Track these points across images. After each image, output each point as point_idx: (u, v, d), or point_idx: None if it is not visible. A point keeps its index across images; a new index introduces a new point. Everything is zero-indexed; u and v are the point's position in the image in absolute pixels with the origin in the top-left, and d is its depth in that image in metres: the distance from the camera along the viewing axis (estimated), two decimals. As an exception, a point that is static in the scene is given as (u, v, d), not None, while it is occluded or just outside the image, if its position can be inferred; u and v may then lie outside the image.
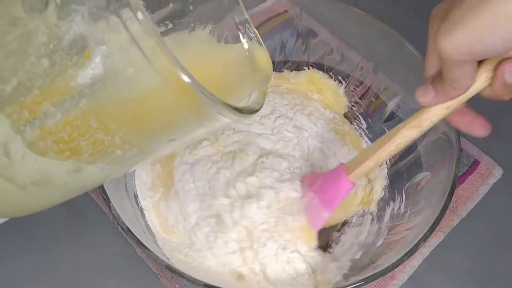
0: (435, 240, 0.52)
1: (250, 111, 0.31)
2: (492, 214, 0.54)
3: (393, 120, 0.54)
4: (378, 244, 0.47)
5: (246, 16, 0.36)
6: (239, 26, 0.36)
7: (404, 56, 0.50)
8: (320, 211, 0.46)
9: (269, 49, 0.58)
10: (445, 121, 0.38)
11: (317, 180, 0.47)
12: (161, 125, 0.29)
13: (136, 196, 0.50)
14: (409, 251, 0.40)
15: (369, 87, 0.56)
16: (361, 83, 0.56)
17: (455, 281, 0.51)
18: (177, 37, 0.37)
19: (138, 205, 0.49)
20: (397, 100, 0.53)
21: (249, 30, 0.37)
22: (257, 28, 0.35)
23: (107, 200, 0.41)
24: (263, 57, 0.37)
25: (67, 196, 0.35)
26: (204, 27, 0.37)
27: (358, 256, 0.48)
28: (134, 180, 0.51)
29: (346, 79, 0.57)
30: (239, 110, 0.29)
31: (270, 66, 0.37)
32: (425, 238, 0.40)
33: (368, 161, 0.42)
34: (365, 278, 0.39)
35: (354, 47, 0.53)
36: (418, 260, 0.51)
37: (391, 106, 0.54)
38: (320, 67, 0.58)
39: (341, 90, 0.58)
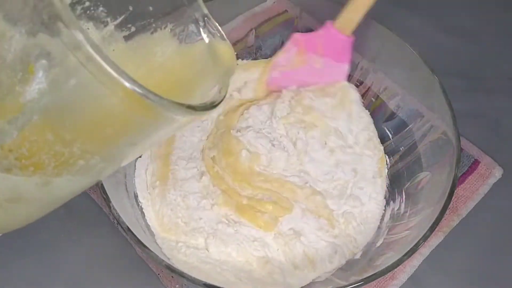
0: (435, 240, 0.52)
1: (205, 108, 0.31)
2: (492, 214, 0.54)
3: (393, 120, 0.54)
4: (378, 244, 0.47)
5: (205, 11, 0.37)
6: (199, 22, 0.37)
7: (404, 56, 0.50)
8: (338, 68, 0.52)
9: (269, 49, 0.58)
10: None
11: (315, 43, 0.51)
12: (116, 132, 0.29)
13: (136, 196, 0.50)
14: (409, 251, 0.40)
15: (369, 87, 0.56)
16: (361, 83, 0.56)
17: (455, 281, 0.51)
18: (140, 40, 0.37)
19: (138, 205, 0.49)
20: (397, 100, 0.53)
21: (210, 25, 0.37)
22: (257, 28, 0.35)
23: (107, 200, 0.41)
24: (225, 51, 0.37)
25: (46, 209, 0.35)
26: (165, 27, 0.37)
27: (358, 256, 0.48)
28: (134, 179, 0.51)
29: (346, 79, 0.57)
30: (193, 108, 0.29)
31: (232, 59, 0.37)
32: (425, 238, 0.40)
33: (357, 13, 0.48)
34: (365, 278, 0.39)
35: (354, 47, 0.53)
36: (418, 260, 0.51)
37: (391, 106, 0.54)
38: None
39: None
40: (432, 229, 0.41)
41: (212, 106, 0.32)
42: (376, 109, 0.56)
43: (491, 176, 0.56)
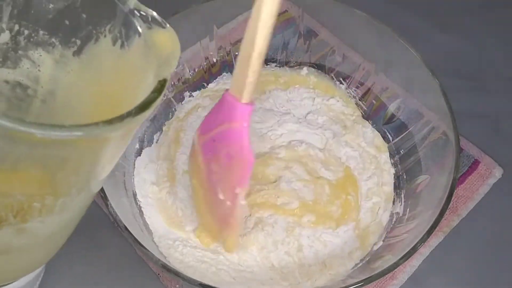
0: (435, 240, 0.52)
1: (132, 115, 0.27)
2: (492, 214, 0.54)
3: (394, 122, 0.54)
4: (377, 246, 0.48)
5: (134, 1, 0.33)
6: (131, 16, 0.33)
7: (405, 58, 0.50)
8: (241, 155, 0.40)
9: (271, 48, 0.58)
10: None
11: (213, 121, 0.41)
12: (46, 172, 0.28)
13: (135, 195, 0.50)
14: (406, 253, 0.40)
15: (369, 88, 0.56)
16: (362, 84, 0.56)
17: (455, 281, 0.51)
18: (89, 52, 0.35)
19: (136, 203, 0.49)
20: (398, 102, 0.53)
21: (143, 16, 0.33)
22: None
23: (104, 198, 0.41)
24: (164, 39, 0.33)
25: (48, 251, 0.36)
26: (104, 32, 0.34)
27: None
28: (134, 178, 0.51)
29: (347, 80, 0.57)
30: (109, 122, 0.25)
31: (172, 46, 0.33)
32: (422, 241, 0.40)
33: (248, 78, 0.37)
34: (362, 280, 0.39)
35: (356, 49, 0.53)
36: (418, 260, 0.51)
37: (391, 108, 0.54)
38: (321, 68, 0.58)
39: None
40: (429, 232, 0.41)
41: (141, 110, 0.27)
42: (377, 110, 0.56)
43: (491, 176, 0.56)
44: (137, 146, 0.52)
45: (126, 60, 0.34)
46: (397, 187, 0.52)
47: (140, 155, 0.52)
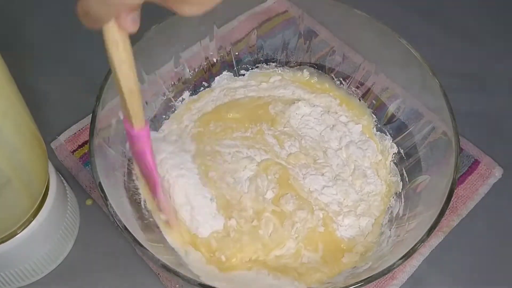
0: (435, 240, 0.52)
1: None
2: (492, 214, 0.55)
3: (394, 122, 0.54)
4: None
5: None
6: None
7: (405, 58, 0.50)
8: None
9: (270, 48, 0.58)
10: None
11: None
12: None
13: (135, 194, 0.49)
14: (406, 254, 0.40)
15: (369, 88, 0.56)
16: (362, 84, 0.56)
17: (455, 281, 0.51)
18: None
19: (137, 203, 0.49)
20: (398, 103, 0.53)
21: None
22: (257, 28, 0.34)
23: (104, 198, 0.41)
24: None
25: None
26: None
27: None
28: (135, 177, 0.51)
29: (347, 80, 0.57)
30: None
31: None
32: (422, 241, 0.40)
33: (129, 108, 0.36)
34: (363, 280, 0.39)
35: (356, 49, 0.53)
36: (418, 260, 0.51)
37: (391, 108, 0.54)
38: (321, 68, 0.58)
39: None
40: (429, 232, 0.41)
41: None
42: (377, 110, 0.56)
43: (491, 176, 0.56)
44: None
45: None
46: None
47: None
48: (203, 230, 0.47)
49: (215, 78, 0.58)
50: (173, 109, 0.56)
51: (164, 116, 0.55)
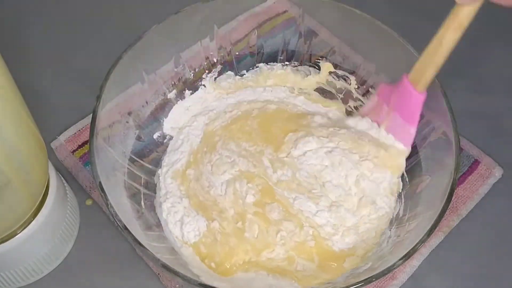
0: (435, 240, 0.52)
1: None
2: (492, 214, 0.55)
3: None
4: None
5: None
6: None
7: (405, 58, 0.50)
8: (405, 128, 0.47)
9: (271, 48, 0.58)
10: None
11: (391, 95, 0.48)
12: None
13: (135, 194, 0.49)
14: (406, 254, 0.40)
15: (369, 89, 0.56)
16: (362, 84, 0.56)
17: (455, 281, 0.51)
18: None
19: (137, 202, 0.49)
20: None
21: None
22: (257, 28, 0.34)
23: (104, 197, 0.41)
24: None
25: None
26: None
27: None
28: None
29: (347, 80, 0.57)
30: None
31: None
32: (422, 241, 0.40)
33: (429, 69, 0.44)
34: (363, 280, 0.39)
35: (356, 49, 0.52)
36: (418, 260, 0.51)
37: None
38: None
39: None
40: (429, 233, 0.41)
41: None
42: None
43: (491, 176, 0.56)
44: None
45: None
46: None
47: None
48: (189, 235, 0.48)
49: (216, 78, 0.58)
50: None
51: (163, 116, 0.56)
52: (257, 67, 0.59)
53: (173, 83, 0.56)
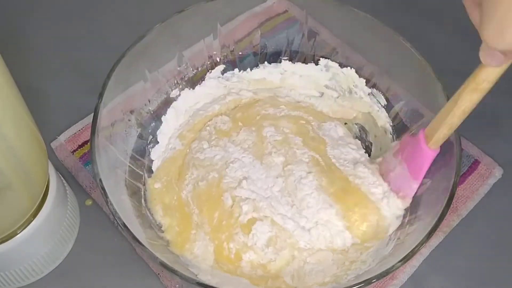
0: (435, 240, 0.52)
1: None
2: (492, 214, 0.55)
3: (395, 124, 0.54)
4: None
5: None
6: None
7: (408, 59, 0.50)
8: (409, 182, 0.46)
9: (275, 48, 0.58)
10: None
11: (406, 147, 0.47)
12: None
13: (136, 192, 0.49)
14: (406, 256, 0.40)
15: (371, 90, 0.56)
16: (367, 83, 0.56)
17: (455, 281, 0.51)
18: None
19: (137, 201, 0.49)
20: (401, 105, 0.53)
21: None
22: (258, 28, 0.34)
23: (104, 195, 0.41)
24: None
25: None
26: None
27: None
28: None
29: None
30: None
31: None
32: (421, 244, 0.40)
33: (442, 128, 0.42)
34: (363, 281, 0.39)
35: (358, 50, 0.52)
36: (418, 260, 0.51)
37: (395, 109, 0.54)
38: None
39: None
40: (429, 235, 0.41)
41: None
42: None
43: (491, 176, 0.56)
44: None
45: None
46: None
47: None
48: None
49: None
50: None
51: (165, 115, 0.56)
52: (259, 66, 0.59)
53: (175, 81, 0.56)
